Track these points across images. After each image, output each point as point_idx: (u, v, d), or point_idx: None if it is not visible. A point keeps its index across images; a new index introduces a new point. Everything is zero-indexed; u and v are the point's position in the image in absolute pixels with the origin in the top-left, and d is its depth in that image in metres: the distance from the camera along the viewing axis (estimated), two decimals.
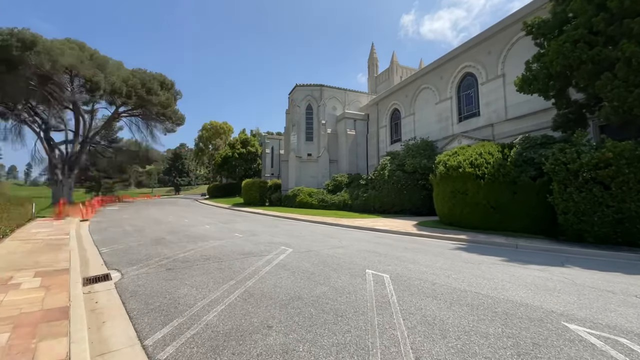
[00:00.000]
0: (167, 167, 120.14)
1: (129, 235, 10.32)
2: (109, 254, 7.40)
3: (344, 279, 5.22)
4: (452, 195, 13.01)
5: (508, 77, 17.66)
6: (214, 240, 9.30)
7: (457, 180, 12.77)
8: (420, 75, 24.32)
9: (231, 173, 52.55)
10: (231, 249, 7.91)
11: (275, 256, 7.02)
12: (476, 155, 12.72)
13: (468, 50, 20.24)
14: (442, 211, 13.90)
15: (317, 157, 31.25)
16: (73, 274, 5.16)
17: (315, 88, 32.24)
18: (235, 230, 11.87)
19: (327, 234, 11.41)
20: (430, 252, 7.95)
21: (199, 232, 11.01)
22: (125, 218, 17.02)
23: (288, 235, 10.67)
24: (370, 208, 21.82)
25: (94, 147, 39.28)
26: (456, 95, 21.34)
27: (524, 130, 16.49)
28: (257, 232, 11.36)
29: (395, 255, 7.32)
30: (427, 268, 6.07)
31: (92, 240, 9.58)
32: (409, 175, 20.31)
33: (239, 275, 5.48)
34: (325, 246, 8.48)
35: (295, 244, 8.75)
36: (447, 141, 20.98)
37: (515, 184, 11.18)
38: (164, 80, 32.02)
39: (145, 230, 11.79)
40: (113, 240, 9.49)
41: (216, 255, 7.04)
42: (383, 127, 29.12)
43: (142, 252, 7.46)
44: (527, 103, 16.64)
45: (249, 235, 10.32)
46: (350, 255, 7.18)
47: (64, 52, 25.97)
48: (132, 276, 5.47)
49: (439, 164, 14.07)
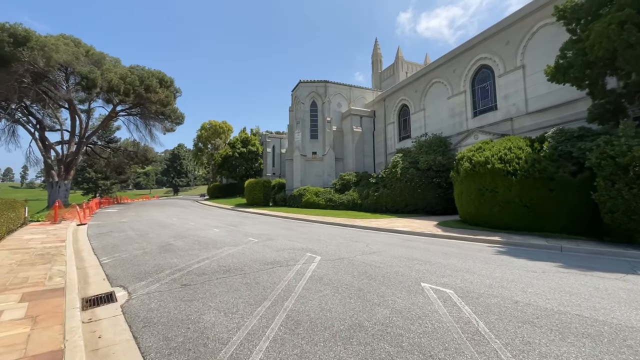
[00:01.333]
0: (165, 167, 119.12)
1: (133, 241, 9.33)
2: (112, 265, 6.42)
3: (402, 297, 4.28)
4: (480, 193, 12.09)
5: (529, 69, 16.77)
6: (228, 246, 8.32)
7: (485, 177, 11.86)
8: (431, 69, 23.39)
9: (232, 173, 51.47)
10: (251, 257, 6.95)
11: (305, 266, 6.06)
12: (505, 150, 11.81)
13: (483, 41, 19.34)
14: (467, 210, 12.98)
15: (322, 156, 30.30)
16: (69, 295, 4.19)
17: (319, 84, 31.28)
18: (247, 234, 10.89)
19: (348, 237, 10.47)
20: (475, 258, 7.02)
21: (209, 237, 10.03)
22: (125, 221, 15.99)
23: (307, 239, 9.72)
24: (382, 207, 20.90)
25: (90, 147, 38.15)
26: (470, 89, 20.44)
27: (547, 124, 15.60)
28: (273, 235, 10.39)
29: (439, 263, 6.39)
30: (490, 280, 5.13)
31: (91, 247, 8.59)
32: (422, 173, 19.39)
33: (271, 292, 4.52)
34: (354, 252, 7.54)
35: (320, 250, 7.80)
36: (462, 137, 20.08)
37: (553, 181, 10.27)
38: (163, 78, 30.92)
39: (149, 234, 10.79)
40: (115, 247, 8.49)
41: (236, 266, 6.08)
42: (391, 124, 28.19)
43: (149, 263, 6.48)
44: (549, 95, 15.76)
45: (266, 240, 9.35)
46: (390, 264, 6.24)
47: (59, 48, 24.86)
48: (141, 296, 4.49)
49: (463, 160, 13.16)
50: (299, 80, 31.50)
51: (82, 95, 29.18)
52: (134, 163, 40.92)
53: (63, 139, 33.60)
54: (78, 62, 25.91)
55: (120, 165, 39.40)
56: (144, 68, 30.19)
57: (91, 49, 28.09)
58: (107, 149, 39.78)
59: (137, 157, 39.15)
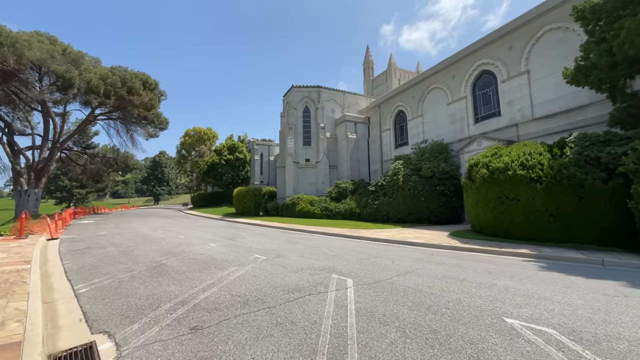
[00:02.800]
0: (145, 175, 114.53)
1: (115, 261, 7.83)
2: (91, 296, 5.01)
3: (499, 343, 3.18)
4: (499, 201, 11.29)
5: (534, 74, 16.43)
6: (233, 266, 7.01)
7: (505, 184, 11.08)
8: (429, 75, 22.94)
9: (218, 181, 49.48)
10: (266, 281, 5.69)
11: (340, 293, 4.89)
12: (526, 155, 11.11)
13: (484, 47, 19.01)
14: (484, 220, 12.14)
15: (316, 163, 29.23)
16: (28, 353, 2.84)
17: (312, 90, 30.40)
18: (250, 249, 9.56)
19: (365, 251, 9.34)
20: (526, 277, 6.05)
21: (206, 254, 8.64)
22: (104, 234, 14.24)
23: (321, 254, 8.52)
24: (382, 217, 19.93)
25: (65, 153, 35.53)
26: (471, 95, 20.01)
27: (555, 130, 15.19)
28: (280, 251, 9.12)
29: (494, 285, 5.37)
30: (580, 310, 4.13)
31: (63, 269, 7.05)
32: (425, 181, 18.63)
33: (318, 338, 3.32)
34: (386, 271, 6.42)
35: (345, 269, 6.63)
36: (464, 143, 19.51)
37: (582, 188, 9.57)
38: (147, 80, 29.14)
39: (134, 251, 9.27)
40: (94, 269, 7.00)
41: (254, 295, 4.82)
42: (386, 130, 27.52)
43: (140, 292, 5.11)
44: (557, 101, 15.39)
45: (275, 257, 8.08)
46: (441, 289, 5.16)
47: (32, 45, 22.85)
48: (136, 350, 3.18)
49: (478, 167, 12.38)
50: (291, 85, 30.53)
51: (57, 97, 26.98)
52: (113, 170, 38.40)
53: (34, 144, 31.03)
54: (53, 60, 23.88)
55: (98, 173, 36.80)
56: (127, 69, 28.32)
57: (68, 48, 26.06)
58: (83, 155, 37.16)
59: (116, 164, 36.73)
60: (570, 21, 14.99)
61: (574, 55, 14.74)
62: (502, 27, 17.87)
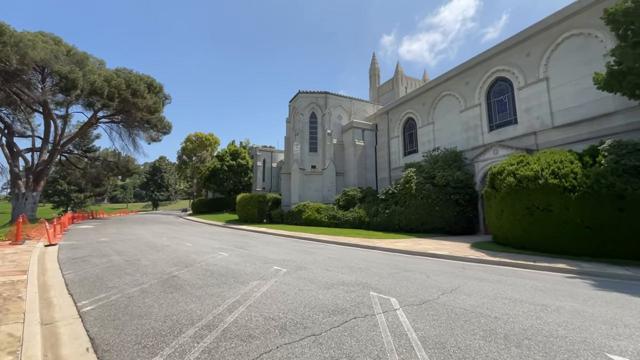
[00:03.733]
0: (144, 180, 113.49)
1: (122, 272, 7.09)
2: (98, 316, 4.28)
3: None
4: (528, 212, 10.63)
5: (553, 81, 15.97)
6: (254, 279, 6.29)
7: (535, 193, 10.45)
8: (441, 81, 22.53)
9: (219, 187, 48.65)
10: (298, 299, 4.98)
11: (391, 317, 4.18)
12: (557, 163, 10.50)
13: (499, 53, 18.62)
14: (510, 231, 11.46)
15: (322, 170, 28.60)
16: None
17: (319, 95, 29.98)
18: (265, 259, 8.83)
19: (391, 264, 8.63)
20: (585, 298, 5.35)
21: (220, 264, 7.91)
22: (106, 241, 13.47)
23: (345, 267, 7.81)
24: (394, 226, 19.23)
25: (65, 156, 34.83)
26: (486, 102, 19.53)
27: (577, 138, 14.65)
28: (299, 262, 8.40)
29: (561, 307, 4.69)
30: None
31: (63, 281, 6.31)
32: (439, 189, 17.99)
33: None
34: (429, 289, 5.72)
35: (381, 286, 5.93)
36: (478, 151, 18.95)
37: (623, 199, 8.94)
38: (152, 83, 28.66)
39: (140, 260, 8.52)
40: (98, 281, 6.26)
41: (291, 318, 4.11)
42: (395, 138, 26.99)
43: (155, 311, 4.39)
44: (579, 108, 14.89)
45: (297, 269, 7.36)
46: (503, 312, 4.47)
47: (36, 45, 22.38)
48: None
49: (503, 175, 11.77)
50: (298, 91, 30.10)
51: (60, 98, 26.40)
52: (113, 174, 37.65)
53: (34, 146, 30.34)
54: (57, 61, 23.39)
55: (98, 177, 36.02)
56: (132, 71, 27.84)
57: (73, 49, 25.62)
58: (84, 158, 36.44)
59: (117, 168, 36.00)
60: (592, 27, 14.64)
61: (596, 62, 14.42)
62: (518, 34, 17.47)
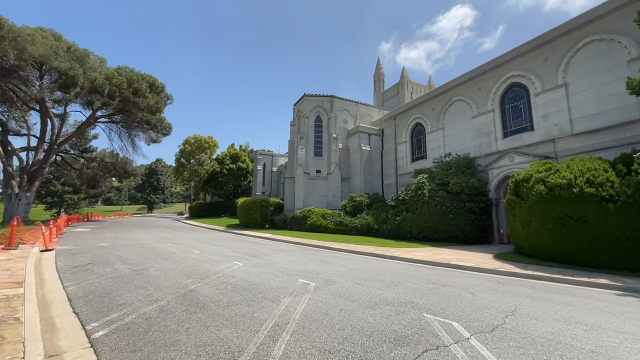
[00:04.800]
0: (140, 183, 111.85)
1: (131, 284, 6.31)
2: (114, 345, 3.52)
3: None
4: (561, 222, 10.03)
5: (572, 87, 15.55)
6: (282, 295, 5.57)
7: (569, 203, 9.86)
8: (451, 86, 22.10)
9: (218, 190, 47.71)
10: (348, 323, 4.27)
11: (469, 350, 3.49)
12: (592, 171, 9.95)
13: (514, 59, 18.22)
14: (540, 242, 10.83)
15: (327, 174, 27.92)
16: None
17: (325, 99, 29.44)
18: (287, 271, 8.08)
19: (422, 277, 7.93)
20: None
21: (238, 276, 7.16)
22: (106, 246, 12.61)
23: (377, 281, 7.12)
24: (405, 234, 18.55)
25: (61, 156, 33.79)
26: (499, 108, 19.08)
27: (599, 146, 14.18)
28: (325, 275, 7.67)
29: None
30: None
31: (65, 295, 5.53)
32: (453, 196, 17.40)
33: None
34: (485, 310, 5.06)
35: (432, 306, 5.24)
36: (492, 158, 18.44)
37: None
38: (154, 82, 27.89)
39: (149, 270, 7.73)
40: (105, 295, 5.48)
41: (351, 351, 3.41)
42: (402, 143, 26.46)
43: (182, 339, 3.65)
44: (600, 115, 14.45)
45: (325, 284, 6.64)
46: (596, 343, 3.83)
47: (35, 40, 21.59)
48: None
49: (530, 182, 11.19)
50: (303, 94, 29.55)
51: (58, 96, 25.55)
52: (111, 176, 36.61)
53: (29, 145, 29.35)
54: (57, 57, 22.58)
55: (95, 178, 34.95)
56: (133, 70, 27.04)
57: (73, 45, 24.84)
58: (80, 158, 35.39)
59: (114, 170, 34.97)
60: (615, 32, 14.27)
61: (619, 68, 14.02)
62: (534, 39, 17.11)
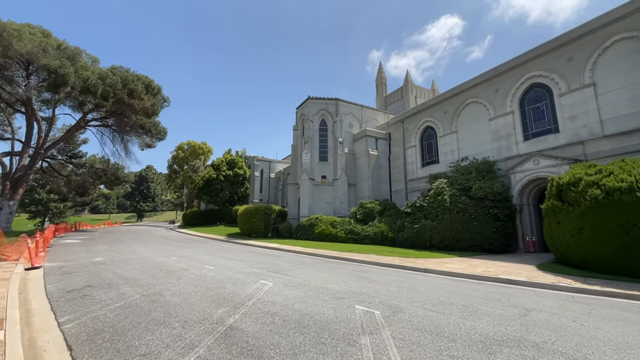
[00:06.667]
0: (129, 190, 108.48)
1: (147, 318, 4.88)
2: None
3: None
4: (622, 230, 9.01)
5: (601, 87, 14.83)
6: (352, 332, 4.27)
7: (631, 208, 8.86)
8: (465, 88, 21.31)
9: (214, 197, 45.98)
10: None
11: None
12: None
13: (535, 58, 17.51)
14: (594, 253, 9.76)
15: (333, 180, 26.71)
16: None
17: (330, 102, 28.40)
18: (330, 292, 6.75)
19: (484, 296, 6.72)
20: None
21: (278, 302, 5.80)
22: (102, 261, 11.02)
23: (446, 305, 5.88)
24: (424, 243, 17.40)
25: (48, 162, 31.72)
26: (519, 110, 18.29)
27: (635, 148, 13.36)
28: (378, 296, 6.39)
29: None
30: None
31: (63, 339, 4.10)
32: (476, 202, 16.36)
33: None
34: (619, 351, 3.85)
35: (542, 343, 4.03)
36: (513, 162, 17.58)
37: None
38: (150, 84, 26.37)
39: (164, 296, 6.30)
40: (118, 339, 4.07)
41: None
42: (411, 148, 25.51)
43: None
44: (633, 116, 13.71)
45: (392, 312, 5.36)
46: None
47: (22, 36, 19.98)
48: None
49: (580, 186, 10.19)
50: (307, 96, 28.45)
51: (46, 97, 23.80)
52: (101, 182, 34.60)
53: (13, 150, 27.34)
54: (46, 55, 20.95)
55: (84, 185, 32.90)
56: (128, 70, 25.45)
57: (64, 43, 23.23)
58: (68, 164, 33.37)
59: (105, 176, 33.01)
60: None
61: None
62: (557, 38, 16.45)
